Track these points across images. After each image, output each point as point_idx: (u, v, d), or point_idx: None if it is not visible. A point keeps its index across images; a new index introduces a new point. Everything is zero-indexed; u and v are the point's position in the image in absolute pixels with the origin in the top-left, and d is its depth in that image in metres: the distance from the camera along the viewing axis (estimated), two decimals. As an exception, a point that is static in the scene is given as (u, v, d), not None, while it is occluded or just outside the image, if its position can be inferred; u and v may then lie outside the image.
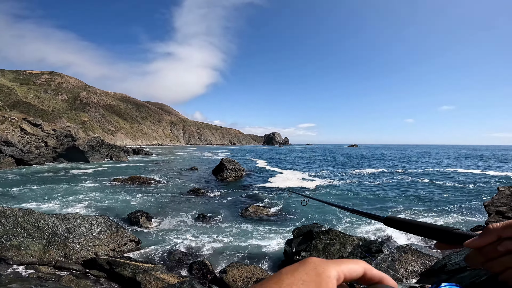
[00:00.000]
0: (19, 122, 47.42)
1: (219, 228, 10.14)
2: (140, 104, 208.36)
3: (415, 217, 11.66)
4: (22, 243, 6.22)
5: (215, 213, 12.17)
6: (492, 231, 0.48)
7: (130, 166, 33.60)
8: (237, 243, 8.70)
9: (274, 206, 13.47)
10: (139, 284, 5.39)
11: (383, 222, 0.82)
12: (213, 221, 11.04)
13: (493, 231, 0.48)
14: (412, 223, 0.68)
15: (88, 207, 12.74)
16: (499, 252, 0.46)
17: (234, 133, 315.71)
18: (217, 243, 8.70)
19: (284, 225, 10.38)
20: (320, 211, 12.36)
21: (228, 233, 9.58)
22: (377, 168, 34.72)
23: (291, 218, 11.37)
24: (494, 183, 20.86)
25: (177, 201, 14.29)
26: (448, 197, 15.62)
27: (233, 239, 9.04)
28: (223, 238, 9.15)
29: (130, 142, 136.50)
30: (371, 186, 19.75)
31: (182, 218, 11.37)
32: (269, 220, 11.08)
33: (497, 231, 0.47)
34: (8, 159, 27.57)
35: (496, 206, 5.01)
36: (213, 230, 9.93)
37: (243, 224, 10.49)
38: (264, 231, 9.81)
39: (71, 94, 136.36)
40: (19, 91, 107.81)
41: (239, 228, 10.06)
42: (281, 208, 12.94)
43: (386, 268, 4.62)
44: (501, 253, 0.46)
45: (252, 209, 12.59)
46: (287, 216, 11.70)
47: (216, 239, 9.00)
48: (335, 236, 7.73)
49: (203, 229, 10.04)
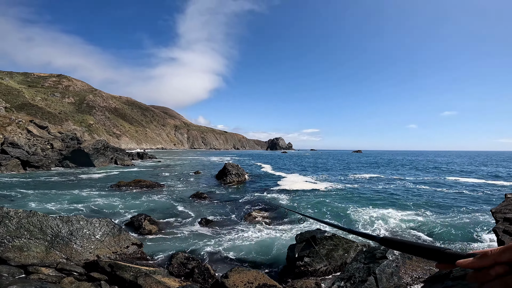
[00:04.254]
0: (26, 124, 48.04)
1: (222, 232, 10.09)
2: (145, 108, 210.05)
3: (423, 222, 11.50)
4: (24, 245, 6.23)
5: (218, 218, 12.13)
6: (490, 256, 0.51)
7: (136, 171, 33.80)
8: (239, 248, 8.64)
9: (277, 210, 13.38)
10: (140, 287, 5.36)
11: (379, 242, 0.84)
12: (216, 225, 11.00)
13: (490, 256, 0.51)
14: (406, 243, 0.71)
15: (92, 210, 12.79)
16: (491, 276, 0.50)
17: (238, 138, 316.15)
18: (219, 247, 8.65)
19: (286, 230, 10.29)
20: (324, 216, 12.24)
21: (231, 238, 9.52)
22: (381, 173, 34.43)
23: (294, 223, 11.27)
24: (501, 190, 20.53)
25: (180, 205, 14.28)
26: (455, 203, 15.39)
27: (235, 244, 8.98)
28: (225, 242, 9.09)
29: (135, 146, 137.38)
30: (377, 190, 19.54)
31: (185, 222, 11.35)
32: (271, 225, 11.00)
33: (494, 256, 0.50)
34: (14, 160, 27.87)
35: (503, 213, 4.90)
36: (215, 234, 9.88)
37: (246, 229, 10.43)
38: (266, 236, 9.73)
39: (77, 97, 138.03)
40: (27, 93, 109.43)
41: (241, 233, 9.99)
42: (284, 214, 12.85)
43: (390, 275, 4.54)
44: (492, 277, 0.49)
45: (254, 214, 12.52)
46: (290, 221, 11.60)
47: (218, 244, 8.95)
48: (338, 241, 7.64)
49: (205, 233, 10.00)
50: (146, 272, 5.98)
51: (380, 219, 12.11)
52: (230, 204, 14.90)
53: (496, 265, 0.49)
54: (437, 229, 10.81)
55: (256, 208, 13.89)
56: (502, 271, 0.48)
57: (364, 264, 4.95)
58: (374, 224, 11.35)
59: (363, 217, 12.47)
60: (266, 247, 8.70)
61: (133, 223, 10.48)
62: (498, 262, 0.49)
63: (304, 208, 14.49)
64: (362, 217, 12.47)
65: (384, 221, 11.79)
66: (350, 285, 4.67)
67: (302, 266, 7.00)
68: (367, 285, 4.38)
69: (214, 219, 11.79)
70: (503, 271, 0.48)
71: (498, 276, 0.48)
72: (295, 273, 6.94)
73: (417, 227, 11.12)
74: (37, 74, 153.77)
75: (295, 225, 10.96)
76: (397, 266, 4.64)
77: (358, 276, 4.71)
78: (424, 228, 10.94)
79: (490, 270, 0.49)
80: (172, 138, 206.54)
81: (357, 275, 4.77)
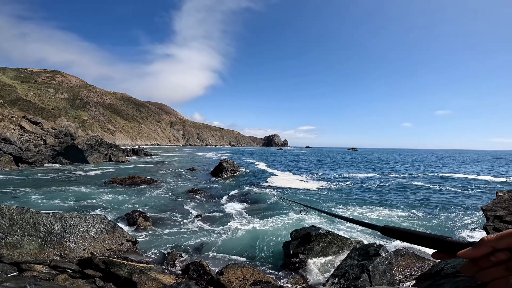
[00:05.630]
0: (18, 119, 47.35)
1: (217, 228, 10.11)
2: (140, 104, 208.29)
3: (414, 220, 11.65)
4: (17, 242, 6.18)
5: (213, 214, 12.14)
6: (487, 243, 0.50)
7: (131, 167, 33.57)
8: (234, 244, 8.67)
9: (272, 207, 13.44)
10: (135, 284, 5.35)
11: (380, 231, 0.84)
12: (211, 221, 11.01)
13: (487, 243, 0.50)
14: (407, 232, 0.70)
15: (85, 206, 12.69)
16: (491, 262, 0.48)
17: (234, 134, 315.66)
18: (214, 243, 8.67)
19: (282, 227, 10.34)
20: (318, 213, 12.32)
21: (226, 234, 9.54)
22: (376, 172, 34.73)
23: (289, 220, 11.33)
24: (492, 188, 20.86)
25: (175, 202, 14.25)
26: (446, 201, 15.60)
27: (230, 240, 9.01)
28: (220, 238, 9.11)
29: (129, 142, 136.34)
30: (370, 189, 19.72)
31: (180, 219, 11.34)
32: (266, 222, 11.05)
33: (491, 242, 0.49)
34: (7, 156, 27.49)
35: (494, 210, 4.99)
36: (210, 230, 9.89)
37: (241, 225, 10.46)
38: (262, 232, 9.77)
39: (71, 93, 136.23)
40: (20, 89, 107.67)
41: (236, 229, 10.02)
42: (279, 210, 12.91)
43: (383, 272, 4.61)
44: (492, 263, 0.48)
45: (250, 211, 12.55)
46: (285, 218, 11.66)
47: (213, 240, 8.97)
48: (333, 238, 7.71)
49: (200, 229, 10.01)
50: (141, 269, 5.98)
51: (371, 218, 12.25)
52: (225, 200, 14.91)
53: (496, 252, 0.48)
54: (428, 227, 10.97)
55: (251, 205, 13.93)
56: (505, 257, 0.47)
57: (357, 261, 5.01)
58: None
59: (354, 215, 12.60)
60: (261, 243, 8.74)
61: (127, 220, 10.44)
62: (497, 248, 0.48)
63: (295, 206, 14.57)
64: (354, 215, 12.60)
65: (376, 220, 11.93)
66: (344, 282, 4.73)
67: (297, 263, 7.06)
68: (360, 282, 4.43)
69: (209, 215, 11.80)
70: (505, 257, 0.47)
71: (500, 263, 0.47)
72: (290, 270, 7.00)
73: (408, 226, 11.27)
74: (31, 70, 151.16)
75: (289, 221, 11.02)
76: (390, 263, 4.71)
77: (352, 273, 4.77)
78: (416, 226, 11.09)
79: (491, 257, 0.48)
80: (168, 135, 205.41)
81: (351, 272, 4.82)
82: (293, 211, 12.72)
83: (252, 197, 15.99)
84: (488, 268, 0.49)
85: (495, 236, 0.49)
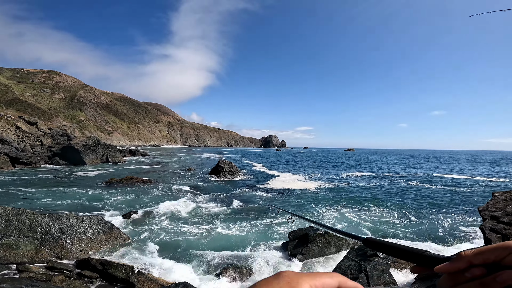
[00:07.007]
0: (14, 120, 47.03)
1: (214, 230, 10.09)
2: (138, 104, 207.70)
3: (409, 222, 11.70)
4: (14, 243, 6.14)
5: (211, 215, 12.12)
6: (463, 258, 0.50)
7: (128, 168, 33.47)
8: (231, 246, 8.65)
9: (269, 208, 13.44)
10: (132, 285, 5.34)
11: (363, 242, 0.82)
12: (209, 223, 10.99)
13: (464, 258, 0.50)
14: (388, 244, 0.70)
15: (83, 207, 12.63)
16: (466, 278, 0.49)
17: (232, 135, 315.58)
18: (212, 245, 8.65)
19: (279, 228, 10.35)
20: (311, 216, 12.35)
21: (223, 235, 9.53)
22: (372, 171, 34.84)
23: (285, 221, 11.32)
24: (489, 188, 21.00)
25: (172, 202, 14.21)
26: (443, 202, 15.68)
27: (228, 242, 9.00)
28: (218, 240, 9.10)
29: (127, 142, 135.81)
30: (366, 189, 19.78)
31: (177, 220, 11.30)
32: (264, 222, 11.05)
33: (468, 257, 0.50)
34: (3, 157, 27.30)
35: (490, 211, 5.02)
36: (208, 232, 9.87)
37: (238, 227, 10.45)
38: (259, 233, 9.77)
39: (68, 93, 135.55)
40: (16, 89, 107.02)
41: (234, 230, 10.01)
42: (275, 212, 12.89)
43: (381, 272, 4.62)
44: (467, 279, 0.49)
45: (247, 211, 12.55)
46: (282, 219, 11.67)
47: (211, 241, 8.95)
48: (330, 239, 7.74)
49: (198, 231, 9.98)
50: (139, 270, 5.96)
51: (365, 219, 12.28)
52: (223, 201, 14.89)
53: (471, 267, 0.49)
54: (425, 227, 11.02)
55: (249, 205, 13.93)
56: (479, 273, 0.47)
57: (355, 262, 5.02)
58: (359, 224, 11.42)
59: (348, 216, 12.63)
60: (259, 244, 8.74)
61: (125, 221, 10.40)
62: (474, 263, 0.49)
63: (292, 206, 14.62)
64: (348, 216, 12.63)
65: (371, 221, 11.95)
66: (341, 282, 4.73)
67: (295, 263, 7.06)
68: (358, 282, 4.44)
69: (207, 217, 11.78)
70: (480, 273, 0.47)
71: (474, 278, 0.48)
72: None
73: (405, 226, 11.31)
74: (27, 70, 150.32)
75: (287, 223, 11.02)
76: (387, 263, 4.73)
77: (350, 273, 4.78)
78: (412, 227, 11.13)
79: (466, 272, 0.49)
80: (165, 135, 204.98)
81: (349, 272, 4.84)
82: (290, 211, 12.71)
83: (249, 197, 16.00)
84: (463, 283, 0.49)
85: (473, 252, 0.50)
